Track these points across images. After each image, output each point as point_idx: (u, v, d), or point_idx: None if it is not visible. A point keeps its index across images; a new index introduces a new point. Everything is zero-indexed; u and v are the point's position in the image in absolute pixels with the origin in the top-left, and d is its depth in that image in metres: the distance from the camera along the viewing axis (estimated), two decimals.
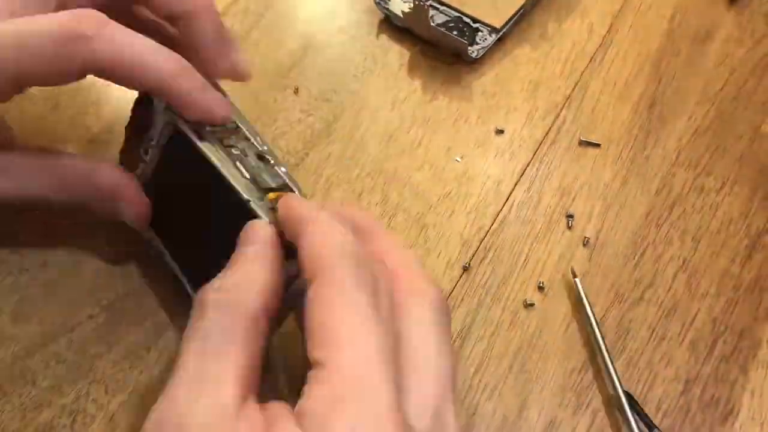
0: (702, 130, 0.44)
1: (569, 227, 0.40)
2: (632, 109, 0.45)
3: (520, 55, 0.47)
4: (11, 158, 0.32)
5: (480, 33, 0.45)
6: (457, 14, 0.46)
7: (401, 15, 0.46)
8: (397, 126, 0.43)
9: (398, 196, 0.41)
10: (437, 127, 0.43)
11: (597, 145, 0.43)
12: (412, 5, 0.45)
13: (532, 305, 0.37)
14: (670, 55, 0.47)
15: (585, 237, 0.39)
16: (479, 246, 0.39)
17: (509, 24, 0.46)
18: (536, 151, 0.43)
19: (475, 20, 0.45)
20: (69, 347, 0.34)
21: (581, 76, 0.46)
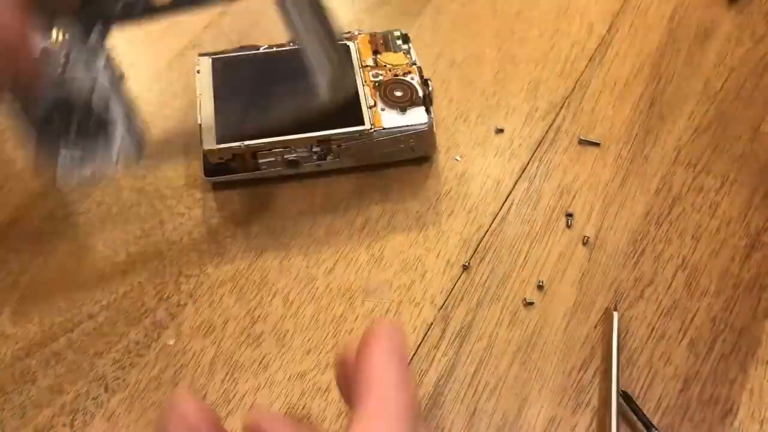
0: (701, 130, 0.44)
1: (569, 226, 0.40)
2: (632, 109, 0.45)
3: (520, 55, 0.47)
4: None
5: None
6: None
7: None
8: None
9: (398, 195, 0.41)
10: (437, 127, 0.43)
11: (597, 145, 0.43)
12: None
13: (532, 304, 0.37)
14: (670, 55, 0.47)
15: (584, 236, 0.39)
16: (479, 245, 0.39)
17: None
18: (536, 151, 0.43)
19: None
20: (69, 346, 0.35)
21: (581, 76, 0.46)
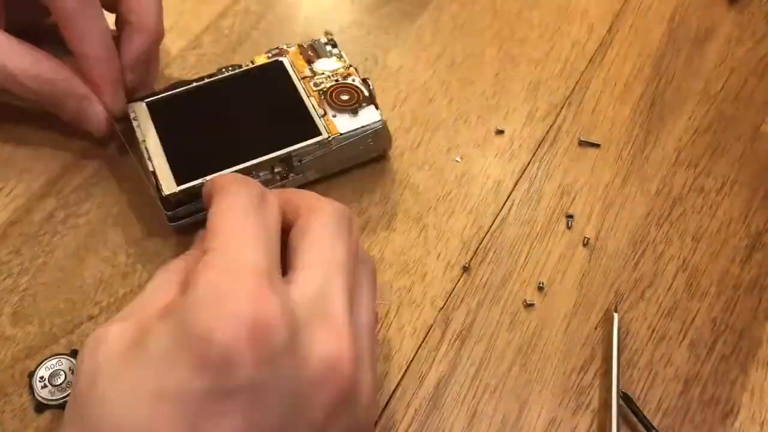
0: (702, 130, 0.44)
1: (569, 227, 0.40)
2: (632, 109, 0.45)
3: (520, 56, 0.47)
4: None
5: None
6: None
7: None
8: (398, 126, 0.43)
9: (398, 197, 0.41)
10: (437, 128, 0.43)
11: (597, 145, 0.43)
12: None
13: (532, 305, 0.37)
14: (671, 55, 0.47)
15: (585, 237, 0.39)
16: (479, 246, 0.39)
17: None
18: (536, 152, 0.43)
19: None
20: (69, 348, 0.35)
21: (581, 76, 0.46)
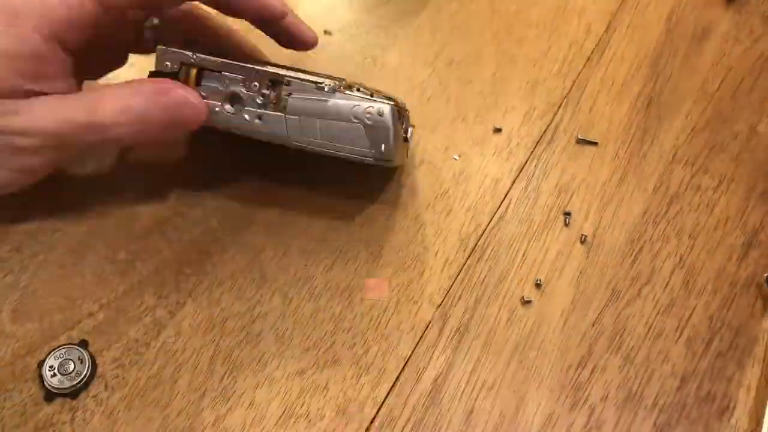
0: (699, 129, 0.44)
1: (566, 225, 0.40)
2: (630, 108, 0.45)
3: (518, 55, 0.47)
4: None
5: None
6: None
7: None
8: None
9: (396, 194, 0.41)
10: (435, 126, 0.44)
11: (594, 144, 0.43)
12: None
13: (530, 302, 0.37)
14: (668, 54, 0.48)
15: (582, 234, 0.39)
16: (477, 244, 0.39)
17: None
18: (534, 150, 0.43)
19: None
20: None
21: (579, 75, 0.46)
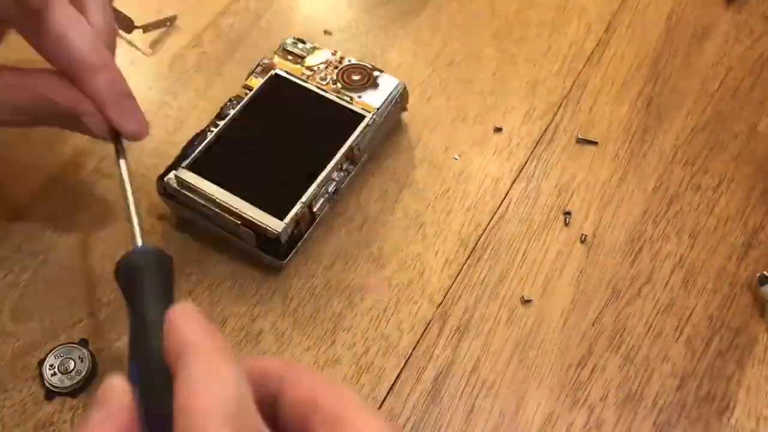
0: (699, 128, 0.44)
1: (566, 224, 0.40)
2: (630, 108, 0.45)
3: (518, 55, 0.47)
4: None
5: None
6: None
7: None
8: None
9: (396, 194, 0.41)
10: (435, 126, 0.44)
11: (594, 143, 0.43)
12: None
13: (530, 302, 0.37)
14: (668, 54, 0.48)
15: (582, 234, 0.39)
16: (477, 243, 0.39)
17: None
18: (534, 149, 0.43)
19: None
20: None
21: (579, 75, 0.46)
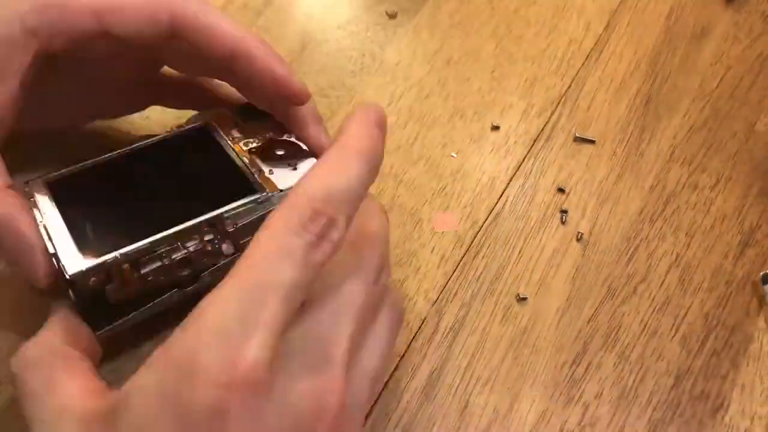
0: (697, 128, 0.44)
1: (563, 222, 0.40)
2: (628, 106, 0.45)
3: (517, 53, 0.47)
4: None
5: None
6: None
7: None
8: (394, 121, 0.44)
9: (393, 191, 0.41)
10: (433, 123, 0.44)
11: (592, 142, 0.43)
12: None
13: (525, 299, 0.37)
14: (667, 53, 0.48)
15: (579, 232, 0.40)
16: (473, 241, 0.39)
17: None
18: (531, 148, 0.43)
19: None
20: None
21: (577, 74, 0.46)
